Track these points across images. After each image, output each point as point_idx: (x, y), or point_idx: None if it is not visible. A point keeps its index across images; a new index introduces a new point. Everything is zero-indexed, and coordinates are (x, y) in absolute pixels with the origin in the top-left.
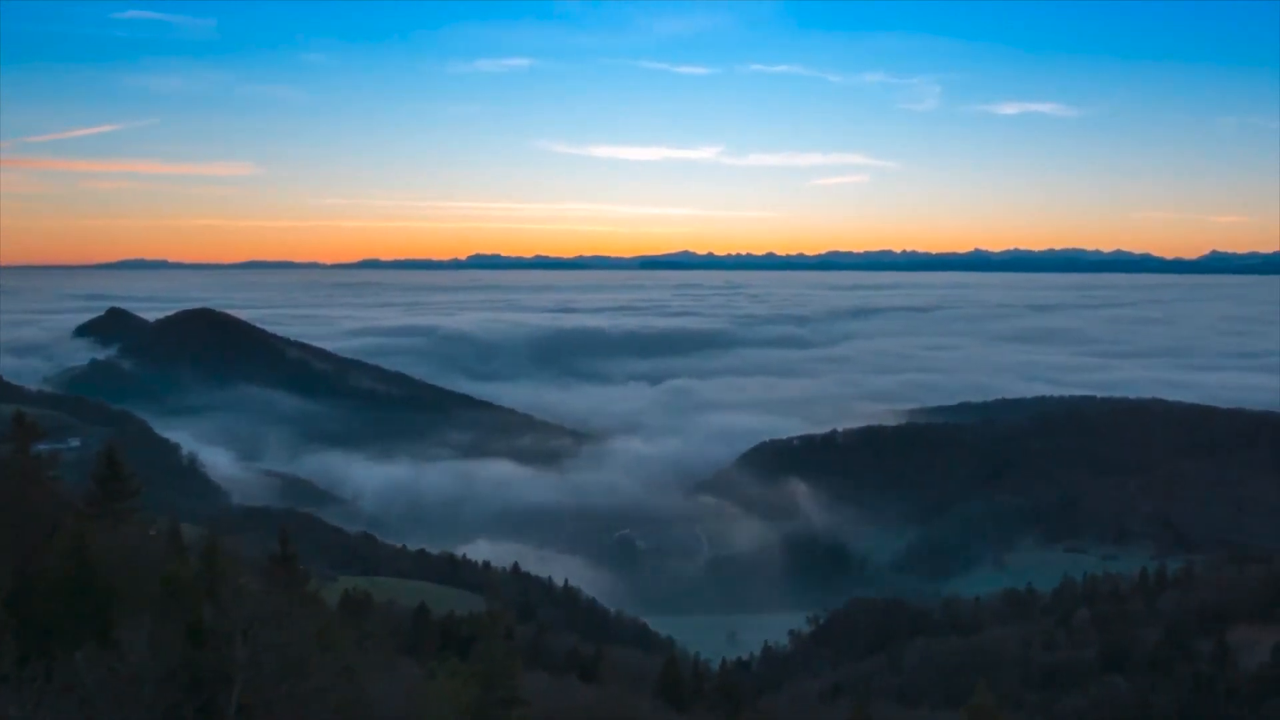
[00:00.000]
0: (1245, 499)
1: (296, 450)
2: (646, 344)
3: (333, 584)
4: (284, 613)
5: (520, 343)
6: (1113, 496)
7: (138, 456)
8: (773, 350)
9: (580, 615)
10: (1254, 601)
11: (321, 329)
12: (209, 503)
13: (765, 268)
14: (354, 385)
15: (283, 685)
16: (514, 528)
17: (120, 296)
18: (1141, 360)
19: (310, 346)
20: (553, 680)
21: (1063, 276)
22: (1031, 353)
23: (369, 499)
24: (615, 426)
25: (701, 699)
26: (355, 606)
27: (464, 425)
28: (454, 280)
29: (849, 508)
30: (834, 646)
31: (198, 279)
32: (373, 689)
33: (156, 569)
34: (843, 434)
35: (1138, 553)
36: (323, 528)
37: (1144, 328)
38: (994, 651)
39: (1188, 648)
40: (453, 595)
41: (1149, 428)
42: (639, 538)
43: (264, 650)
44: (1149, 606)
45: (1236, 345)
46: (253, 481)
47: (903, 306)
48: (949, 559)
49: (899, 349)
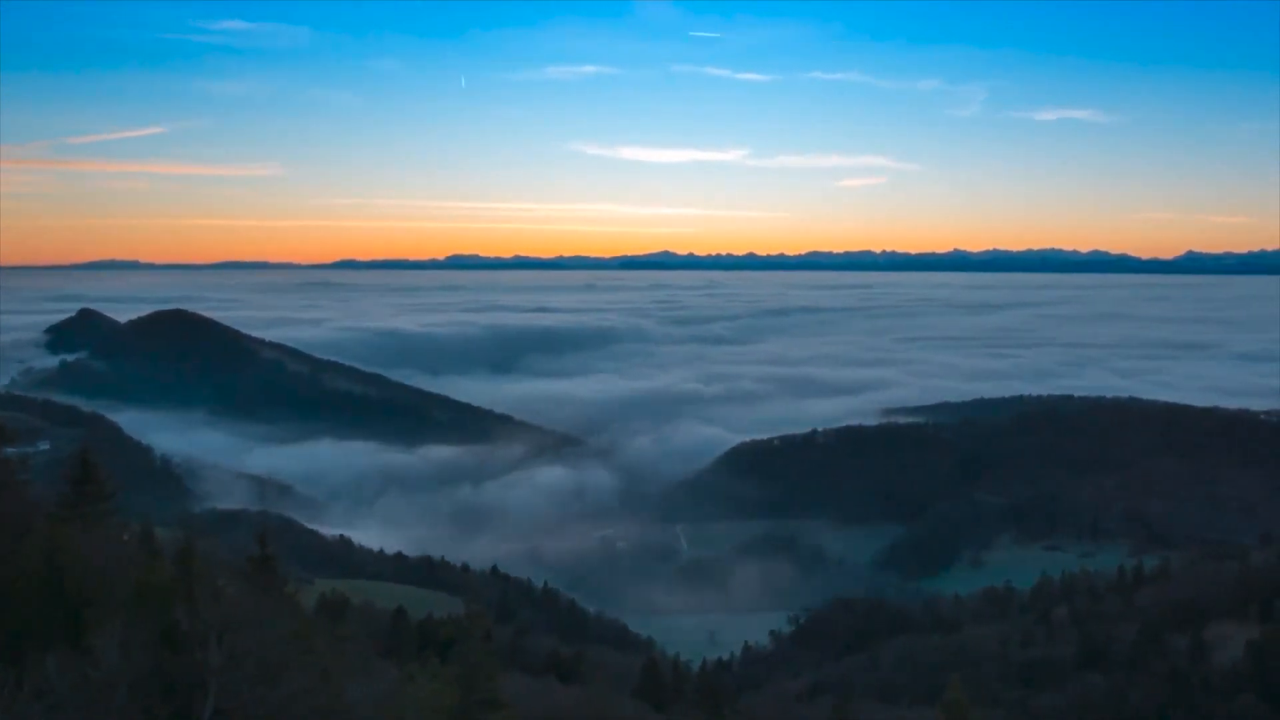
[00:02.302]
0: (1219, 496)
1: (271, 452)
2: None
3: (309, 587)
4: (260, 616)
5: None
6: (1089, 495)
7: (110, 459)
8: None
9: (560, 616)
10: (1229, 598)
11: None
12: (183, 505)
13: (745, 268)
14: (330, 386)
15: (259, 689)
16: (494, 528)
17: (91, 297)
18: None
19: (285, 347)
20: (532, 682)
21: (1029, 276)
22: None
23: (346, 500)
24: (585, 425)
25: (682, 699)
26: (332, 609)
27: (443, 426)
28: (429, 280)
29: (828, 507)
30: (814, 646)
31: (216, 278)
32: (350, 692)
33: (129, 573)
34: (822, 434)
35: (1114, 550)
36: (299, 530)
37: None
38: (973, 649)
39: (1164, 644)
40: (431, 597)
41: (1125, 426)
42: (619, 538)
43: (240, 654)
44: (1126, 603)
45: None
46: (227, 484)
47: (831, 307)
48: (928, 558)
49: (780, 350)
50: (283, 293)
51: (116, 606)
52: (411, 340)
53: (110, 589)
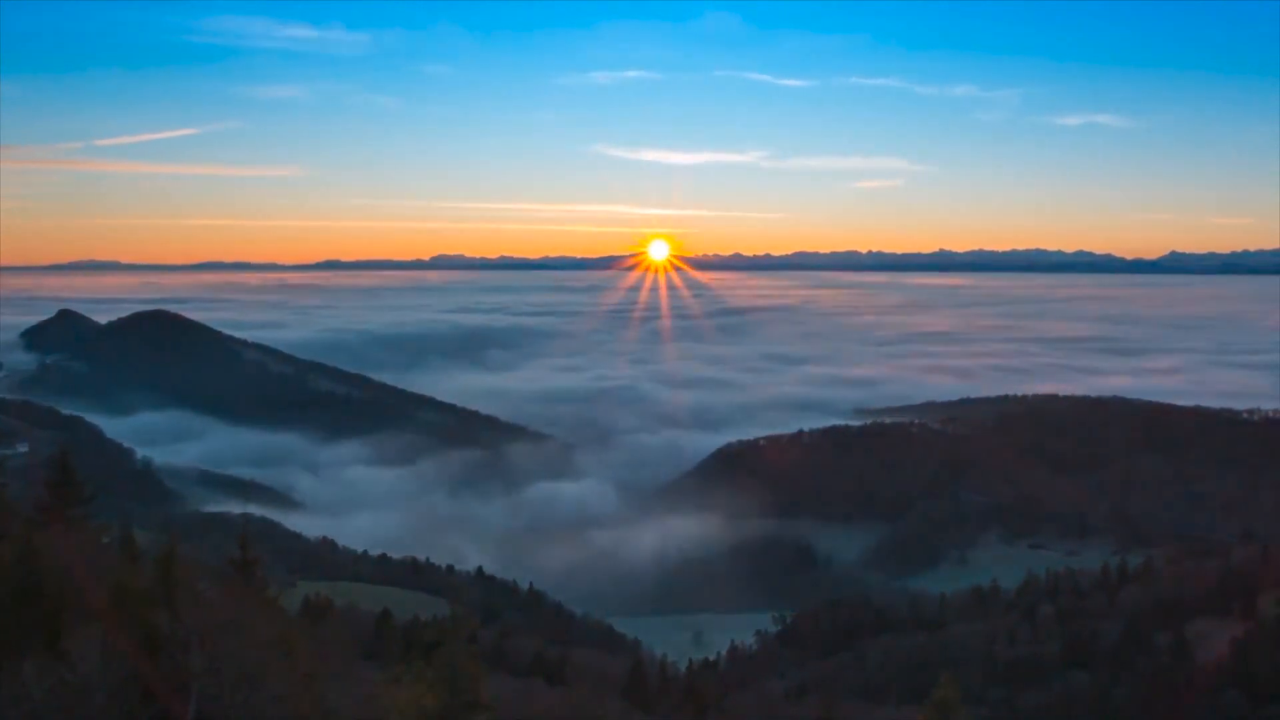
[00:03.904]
0: (1202, 494)
1: (253, 453)
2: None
3: (292, 589)
4: (241, 620)
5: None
6: (1074, 493)
7: (89, 461)
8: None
9: (545, 618)
10: (1212, 595)
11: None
12: (164, 508)
13: (727, 268)
14: (313, 387)
15: (240, 694)
16: (476, 530)
17: (70, 298)
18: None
19: (267, 348)
20: (518, 684)
21: (1010, 278)
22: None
23: (330, 502)
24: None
25: (668, 700)
26: (315, 612)
27: (423, 427)
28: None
29: (813, 507)
30: (800, 645)
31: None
32: (333, 696)
33: (109, 576)
34: (807, 434)
35: (1099, 548)
36: (282, 532)
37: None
38: (959, 648)
39: (1148, 641)
40: (416, 599)
41: (1108, 425)
42: (605, 539)
43: (221, 659)
44: (1110, 601)
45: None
46: (209, 486)
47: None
48: (913, 557)
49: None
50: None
51: (95, 611)
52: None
53: (89, 593)
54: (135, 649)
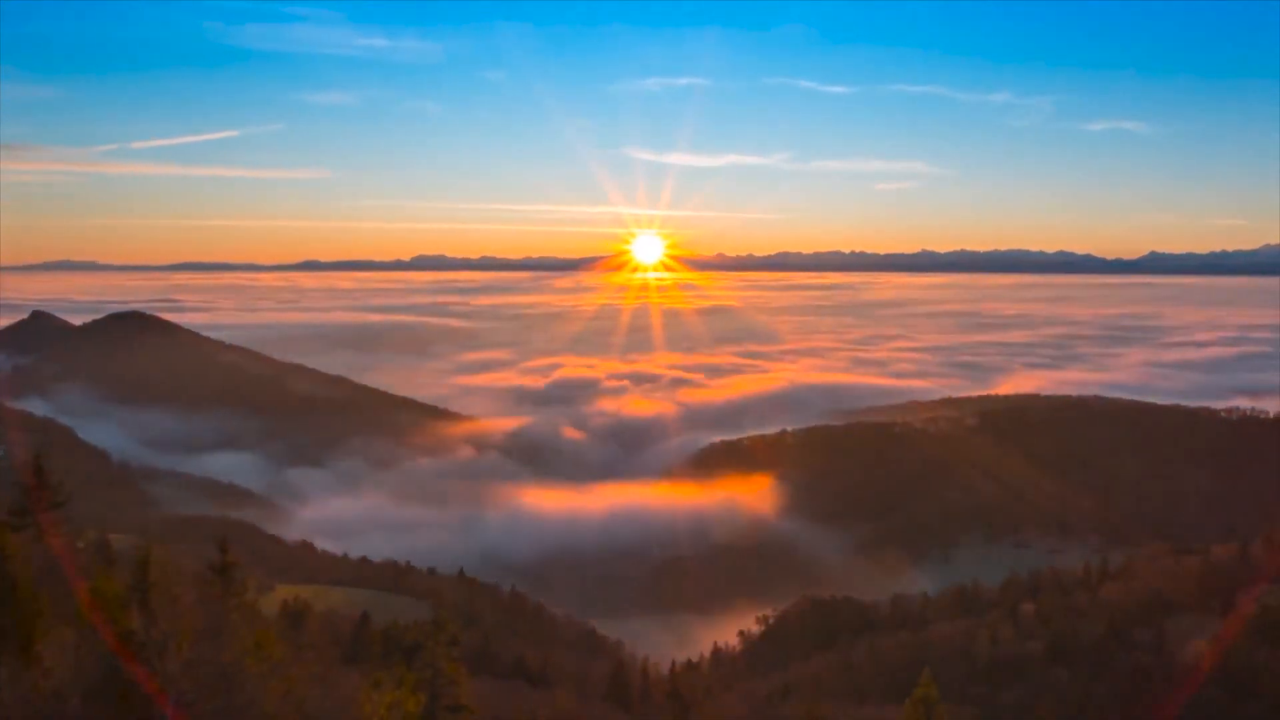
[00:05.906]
0: (1182, 492)
1: (231, 456)
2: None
3: (271, 593)
4: (219, 624)
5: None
6: (1055, 492)
7: (64, 465)
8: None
9: (527, 620)
10: (1192, 592)
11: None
12: (141, 511)
13: (709, 268)
14: (291, 388)
15: (216, 699)
16: (460, 532)
17: (45, 299)
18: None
19: (244, 349)
20: (500, 687)
21: (988, 277)
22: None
23: (309, 504)
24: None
25: (651, 702)
26: (294, 616)
27: (406, 429)
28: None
29: (797, 506)
30: (784, 646)
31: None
32: (311, 700)
33: (83, 580)
34: (791, 433)
35: (1080, 547)
36: (260, 535)
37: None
38: (942, 646)
39: (1129, 639)
40: (397, 603)
41: (1090, 425)
42: (586, 540)
43: (197, 663)
44: (1092, 599)
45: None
46: (186, 489)
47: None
48: (896, 556)
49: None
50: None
51: (69, 615)
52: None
53: (63, 597)
54: (111, 653)
